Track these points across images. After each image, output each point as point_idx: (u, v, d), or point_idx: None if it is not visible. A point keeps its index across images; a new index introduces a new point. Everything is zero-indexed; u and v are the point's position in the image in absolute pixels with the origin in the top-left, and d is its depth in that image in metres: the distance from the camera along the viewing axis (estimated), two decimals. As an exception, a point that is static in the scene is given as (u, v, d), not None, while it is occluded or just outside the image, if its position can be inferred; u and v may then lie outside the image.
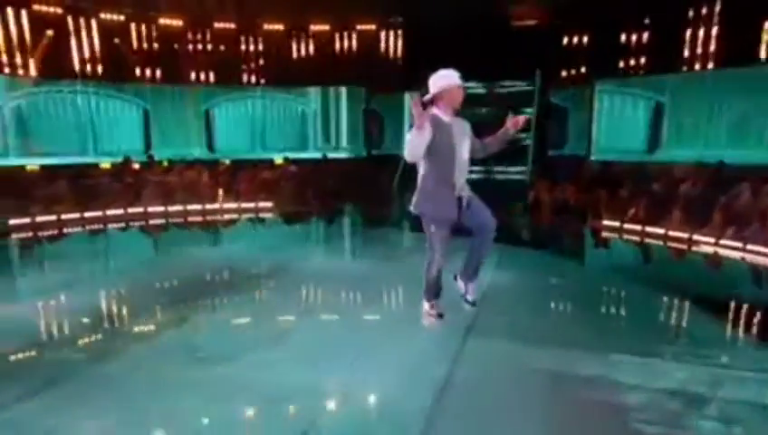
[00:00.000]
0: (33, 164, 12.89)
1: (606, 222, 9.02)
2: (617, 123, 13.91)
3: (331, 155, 16.31)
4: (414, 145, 3.28)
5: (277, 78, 16.26)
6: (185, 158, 14.56)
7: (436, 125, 3.31)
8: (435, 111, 3.39)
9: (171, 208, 10.36)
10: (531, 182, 11.66)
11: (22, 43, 13.55)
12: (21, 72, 13.38)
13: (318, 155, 16.28)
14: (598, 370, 3.56)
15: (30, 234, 8.61)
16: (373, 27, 16.42)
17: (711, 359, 3.80)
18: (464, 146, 3.49)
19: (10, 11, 13.42)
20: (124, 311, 4.78)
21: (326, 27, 16.28)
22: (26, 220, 8.78)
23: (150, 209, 10.18)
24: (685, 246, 8.05)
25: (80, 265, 6.93)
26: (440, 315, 3.84)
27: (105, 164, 13.55)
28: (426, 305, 3.86)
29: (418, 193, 3.54)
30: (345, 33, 16.49)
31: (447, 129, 3.39)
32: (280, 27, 16.04)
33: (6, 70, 13.21)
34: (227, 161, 15.25)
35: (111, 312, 4.63)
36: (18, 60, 13.55)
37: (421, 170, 3.53)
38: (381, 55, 16.71)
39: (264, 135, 16.36)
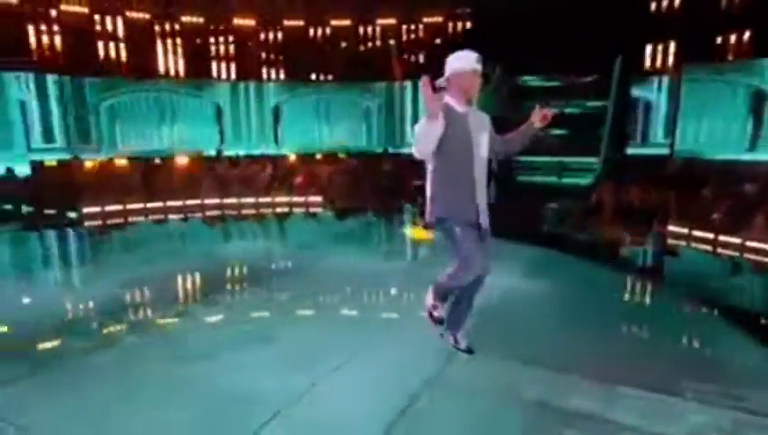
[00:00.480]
0: (120, 157, 14.13)
1: (674, 228, 7.84)
2: (708, 116, 12.26)
3: (395, 150, 16.13)
4: (424, 137, 2.76)
5: (343, 73, 16.38)
6: (252, 153, 15.14)
7: (448, 116, 2.83)
8: (447, 99, 2.91)
9: (226, 201, 10.74)
10: (596, 182, 10.57)
11: (116, 46, 14.86)
12: (114, 73, 14.69)
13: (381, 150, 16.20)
14: (593, 404, 2.97)
15: (100, 222, 9.37)
16: (440, 19, 15.94)
17: (745, 402, 3.03)
18: (482, 141, 3.03)
19: (108, 19, 14.76)
20: (132, 301, 4.89)
21: (392, 21, 16.08)
22: (97, 209, 9.58)
23: (207, 201, 10.65)
24: (768, 259, 6.80)
25: (118, 254, 7.37)
26: (441, 322, 3.30)
27: (181, 158, 14.49)
28: (429, 298, 3.28)
29: (430, 199, 3.09)
30: (412, 27, 16.18)
31: (462, 120, 2.95)
32: (347, 22, 16.13)
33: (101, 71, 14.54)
34: (293, 156, 15.64)
35: (116, 300, 4.78)
36: (114, 61, 14.88)
37: (430, 172, 3.06)
38: (449, 48, 16.17)
39: (329, 130, 16.58)
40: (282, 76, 16.35)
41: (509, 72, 15.58)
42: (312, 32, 16.20)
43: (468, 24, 15.67)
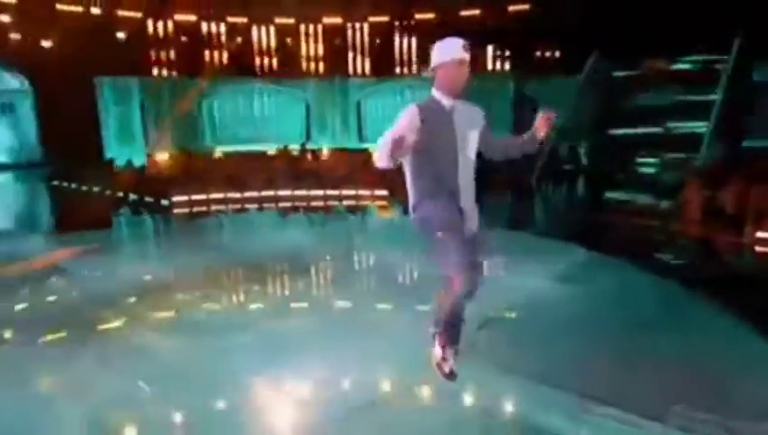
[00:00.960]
0: (218, 150, 15.49)
1: (764, 234, 6.42)
2: None
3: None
4: (383, 154, 2.42)
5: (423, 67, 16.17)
6: (335, 146, 15.59)
7: (429, 113, 2.57)
8: (433, 91, 2.65)
9: (296, 193, 11.14)
10: (688, 178, 9.16)
11: (219, 49, 16.21)
12: (215, 74, 16.03)
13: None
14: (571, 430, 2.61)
15: (187, 210, 10.31)
16: (526, 7, 15.00)
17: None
18: (470, 140, 2.67)
19: (212, 24, 16.13)
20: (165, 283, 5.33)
21: (476, 12, 15.48)
22: (185, 198, 10.55)
23: (281, 193, 11.18)
24: None
25: (180, 239, 8.14)
26: (452, 373, 2.88)
27: (271, 151, 15.42)
28: (437, 350, 2.91)
29: (411, 203, 2.77)
30: (496, 16, 15.42)
31: (446, 116, 2.62)
32: (431, 16, 15.87)
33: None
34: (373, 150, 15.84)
35: (154, 283, 5.21)
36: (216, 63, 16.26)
37: (408, 173, 2.72)
38: (537, 37, 15.19)
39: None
40: (367, 72, 16.53)
41: (606, 59, 14.22)
42: (397, 26, 16.20)
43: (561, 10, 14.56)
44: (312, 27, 16.26)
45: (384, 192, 11.00)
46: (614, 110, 14.94)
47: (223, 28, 16.02)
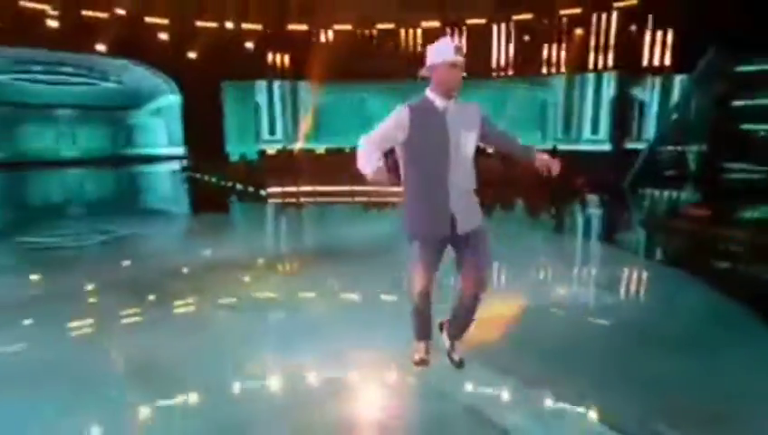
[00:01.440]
0: (319, 148, 16.86)
1: None
2: None
3: (565, 147, 14.83)
4: (364, 158, 2.54)
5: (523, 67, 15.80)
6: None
7: (420, 114, 2.55)
8: (427, 92, 2.59)
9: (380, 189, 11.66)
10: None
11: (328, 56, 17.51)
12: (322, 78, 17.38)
13: (559, 146, 15.08)
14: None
15: (280, 200, 11.46)
16: (634, 2, 13.85)
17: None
18: (464, 141, 2.60)
19: (322, 33, 17.46)
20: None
21: (577, 11, 14.69)
22: (278, 189, 11.76)
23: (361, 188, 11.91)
24: None
25: (260, 227, 8.64)
26: (422, 361, 3.04)
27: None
28: (414, 344, 3.09)
29: (404, 204, 2.75)
30: (601, 15, 14.49)
31: (438, 118, 2.55)
32: (528, 17, 15.42)
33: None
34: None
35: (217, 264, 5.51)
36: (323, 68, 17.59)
37: (406, 176, 2.72)
38: (644, 34, 13.98)
39: (503, 122, 16.23)
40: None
41: (725, 54, 12.62)
42: (495, 28, 16.04)
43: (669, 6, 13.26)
44: (411, 31, 16.80)
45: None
46: (734, 109, 13.26)
47: (331, 35, 17.28)
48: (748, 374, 2.98)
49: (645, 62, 13.94)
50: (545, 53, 15.37)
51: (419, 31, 16.70)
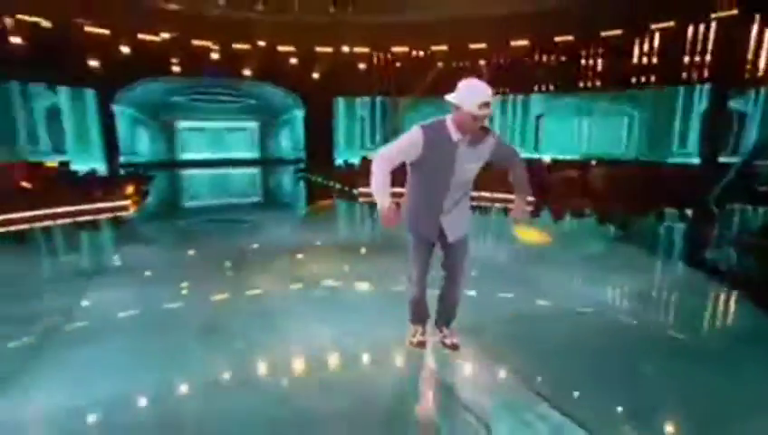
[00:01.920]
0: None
1: None
2: None
3: (650, 159, 14.19)
4: (376, 180, 2.71)
5: (612, 82, 15.45)
6: (557, 157, 16.01)
7: (435, 141, 2.60)
8: (447, 120, 2.61)
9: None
10: None
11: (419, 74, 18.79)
12: (417, 93, 18.68)
13: (645, 159, 14.53)
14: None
15: (369, 199, 12.82)
16: (734, 12, 12.84)
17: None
18: (468, 172, 2.71)
19: (418, 52, 18.76)
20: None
21: (670, 24, 13.96)
22: (366, 190, 13.13)
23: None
24: None
25: (341, 220, 10.01)
26: (420, 344, 3.19)
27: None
28: (410, 328, 3.27)
29: (404, 210, 2.90)
30: (698, 27, 13.62)
31: (451, 148, 2.62)
32: (617, 32, 15.01)
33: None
34: (547, 159, 15.93)
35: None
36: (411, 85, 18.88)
37: (409, 180, 2.88)
38: (746, 44, 12.88)
39: (590, 136, 16.03)
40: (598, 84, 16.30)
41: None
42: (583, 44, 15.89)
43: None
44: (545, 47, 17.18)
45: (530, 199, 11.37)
46: None
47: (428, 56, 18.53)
48: None
49: (746, 74, 12.90)
50: (634, 66, 14.86)
51: (509, 51, 17.14)
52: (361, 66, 18.63)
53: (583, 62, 15.99)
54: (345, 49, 18.27)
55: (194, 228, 9.06)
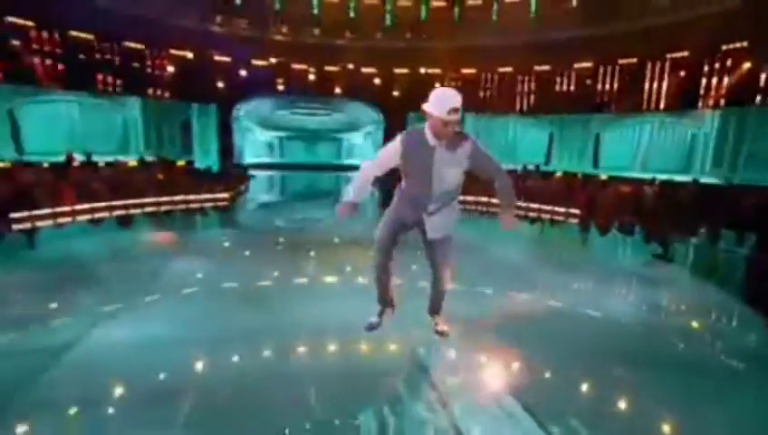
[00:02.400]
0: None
1: None
2: None
3: (713, 180, 13.28)
4: (356, 184, 2.91)
5: (675, 103, 14.69)
6: (569, 170, 16.23)
7: (413, 146, 2.68)
8: (425, 127, 2.66)
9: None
10: None
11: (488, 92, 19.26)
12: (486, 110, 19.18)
13: (706, 179, 13.62)
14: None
15: None
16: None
17: None
18: (447, 176, 2.69)
19: (488, 75, 19.28)
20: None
21: (743, 44, 12.99)
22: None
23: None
24: None
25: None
26: (370, 326, 3.19)
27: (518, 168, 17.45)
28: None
29: (398, 191, 3.01)
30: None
31: (428, 153, 2.66)
32: (685, 54, 14.24)
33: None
34: (604, 177, 15.56)
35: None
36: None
37: (400, 185, 3.01)
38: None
39: (646, 156, 15.32)
40: (613, 108, 16.32)
41: None
42: (648, 66, 15.31)
43: None
44: (566, 73, 17.26)
45: (577, 212, 11.39)
46: None
47: (495, 78, 19.00)
48: None
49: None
50: (700, 87, 14.07)
51: (573, 73, 17.02)
52: (436, 85, 19.64)
53: (647, 83, 15.38)
54: (420, 70, 19.41)
55: (274, 220, 10.64)
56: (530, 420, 2.61)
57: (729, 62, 13.48)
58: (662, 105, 15.18)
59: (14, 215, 8.49)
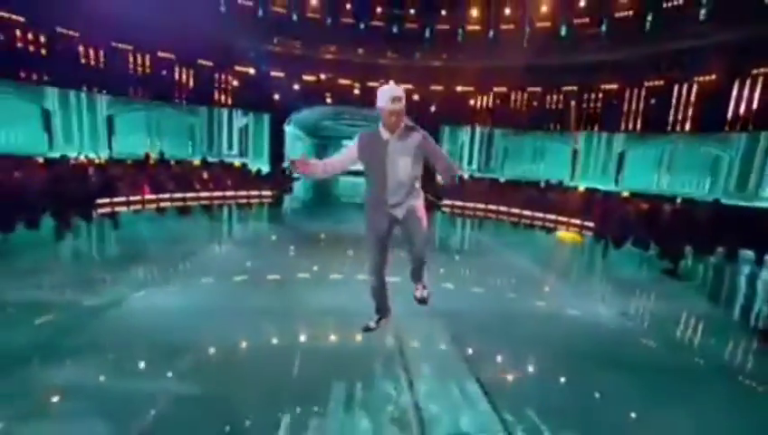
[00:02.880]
0: (501, 177, 18.66)
1: None
2: None
3: (738, 202, 12.58)
4: (312, 170, 2.85)
5: (701, 125, 14.03)
6: (591, 186, 15.85)
7: (368, 142, 2.76)
8: (380, 124, 2.72)
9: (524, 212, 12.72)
10: None
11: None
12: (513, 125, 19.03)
13: (724, 200, 12.96)
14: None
15: (448, 210, 14.05)
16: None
17: None
18: (400, 164, 2.72)
19: (516, 93, 19.14)
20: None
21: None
22: (449, 202, 14.34)
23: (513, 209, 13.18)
24: None
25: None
26: (367, 328, 3.17)
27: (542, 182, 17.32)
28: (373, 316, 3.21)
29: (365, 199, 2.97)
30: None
31: (382, 146, 2.72)
32: (712, 77, 13.57)
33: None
34: (626, 193, 15.10)
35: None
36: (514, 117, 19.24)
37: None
38: None
39: (669, 175, 14.73)
40: (637, 128, 15.77)
41: None
42: (675, 88, 14.70)
43: None
44: (592, 92, 16.87)
45: (588, 223, 11.24)
46: None
47: (525, 96, 18.82)
48: None
49: None
50: (727, 110, 13.40)
51: (600, 94, 16.64)
52: (469, 102, 19.79)
53: (674, 103, 14.78)
54: (456, 88, 19.61)
55: (315, 218, 11.31)
56: (486, 404, 2.75)
57: (758, 86, 12.75)
58: (687, 126, 14.52)
59: (98, 201, 9.81)
